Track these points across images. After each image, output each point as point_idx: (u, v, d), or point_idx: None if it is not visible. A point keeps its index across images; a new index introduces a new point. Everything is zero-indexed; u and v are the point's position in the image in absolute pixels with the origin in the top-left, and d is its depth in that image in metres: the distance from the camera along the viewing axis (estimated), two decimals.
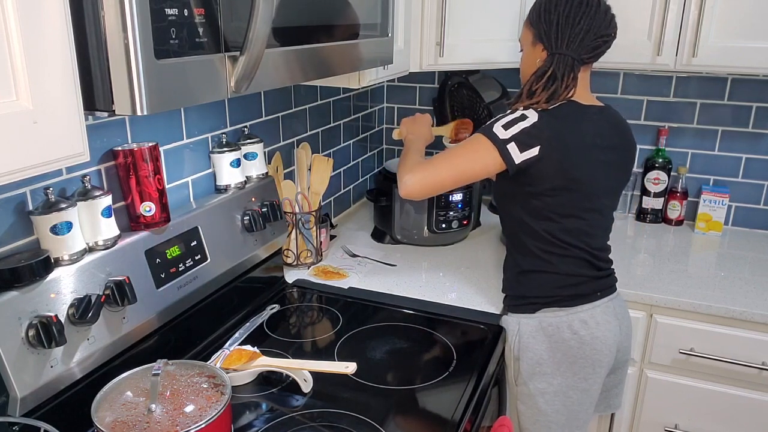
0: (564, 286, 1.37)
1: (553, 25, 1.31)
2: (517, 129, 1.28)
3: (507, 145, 1.27)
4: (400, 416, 1.15)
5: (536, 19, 1.35)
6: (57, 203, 1.00)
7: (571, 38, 1.30)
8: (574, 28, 1.30)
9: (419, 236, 1.92)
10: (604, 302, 1.40)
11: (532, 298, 1.40)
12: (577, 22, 1.29)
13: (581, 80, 1.35)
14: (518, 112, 1.30)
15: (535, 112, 1.29)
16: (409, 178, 1.35)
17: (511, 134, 1.27)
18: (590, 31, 1.29)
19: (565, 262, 1.37)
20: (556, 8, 1.31)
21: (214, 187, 1.45)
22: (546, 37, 1.33)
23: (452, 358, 1.33)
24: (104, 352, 1.07)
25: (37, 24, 0.66)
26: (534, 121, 1.27)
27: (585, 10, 1.29)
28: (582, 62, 1.33)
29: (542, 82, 1.31)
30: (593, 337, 1.37)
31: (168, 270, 1.21)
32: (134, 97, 0.72)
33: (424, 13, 1.69)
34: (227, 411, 0.96)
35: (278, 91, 1.69)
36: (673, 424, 1.73)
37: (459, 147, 1.35)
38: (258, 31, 0.84)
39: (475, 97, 2.09)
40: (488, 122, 1.33)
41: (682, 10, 1.71)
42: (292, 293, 1.63)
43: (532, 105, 1.30)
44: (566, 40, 1.30)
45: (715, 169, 2.14)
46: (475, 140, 1.32)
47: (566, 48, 1.31)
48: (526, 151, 1.27)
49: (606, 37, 1.32)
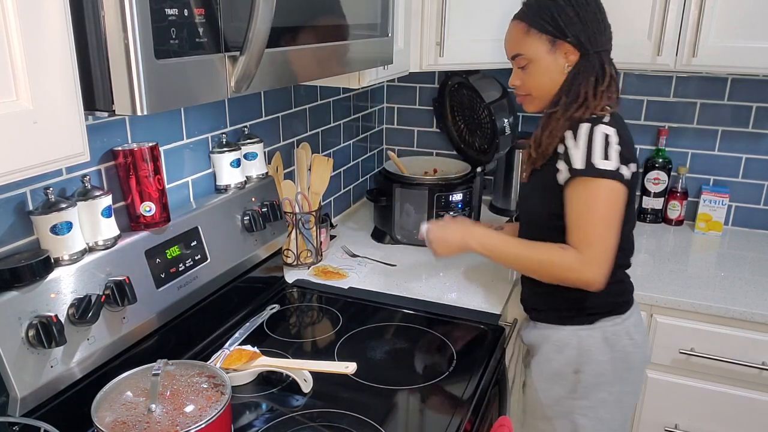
0: (622, 293, 1.35)
1: (586, 22, 1.23)
2: (614, 151, 1.19)
3: (620, 170, 1.19)
4: (400, 416, 1.15)
5: (556, 21, 1.24)
6: (57, 203, 1.00)
7: (599, 30, 1.25)
8: (597, 20, 1.24)
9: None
10: (635, 305, 1.40)
11: (590, 309, 1.32)
12: (600, 11, 1.25)
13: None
14: (598, 133, 1.19)
15: (609, 127, 1.21)
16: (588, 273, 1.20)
17: (616, 158, 1.19)
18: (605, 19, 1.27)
19: (621, 270, 1.35)
20: (570, 3, 1.23)
21: (214, 187, 1.45)
22: (582, 34, 1.24)
23: (452, 358, 1.33)
24: (104, 352, 1.07)
25: (37, 24, 0.66)
26: (617, 138, 1.20)
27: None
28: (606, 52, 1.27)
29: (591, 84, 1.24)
30: (644, 339, 1.37)
31: (168, 270, 1.21)
32: (134, 97, 0.72)
33: (424, 13, 1.69)
34: (227, 411, 0.96)
35: (278, 91, 1.69)
36: (673, 424, 1.73)
37: (589, 206, 1.20)
38: (258, 31, 0.84)
39: (475, 97, 2.09)
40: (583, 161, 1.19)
41: (682, 10, 1.71)
42: (292, 293, 1.63)
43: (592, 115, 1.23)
44: (594, 33, 1.24)
45: (715, 169, 2.14)
46: (590, 189, 1.20)
47: (601, 42, 1.25)
48: (629, 165, 1.21)
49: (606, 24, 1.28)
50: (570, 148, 1.21)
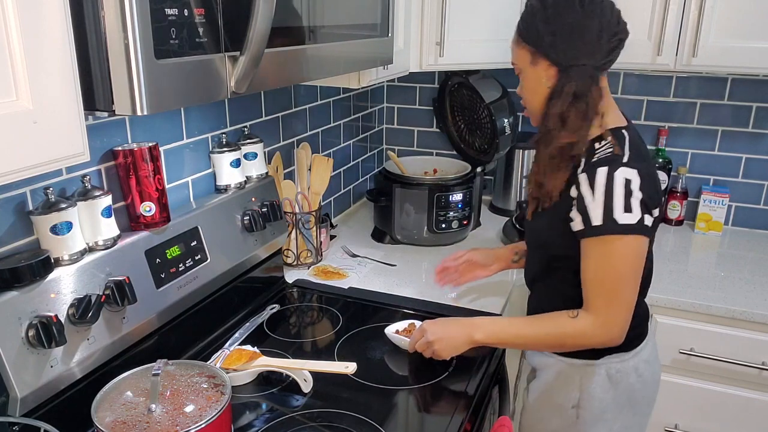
0: (633, 327, 1.19)
1: (558, 34, 1.12)
2: (636, 200, 1.08)
3: (643, 221, 1.09)
4: (400, 416, 1.14)
5: (533, 33, 1.15)
6: (57, 203, 1.00)
7: (583, 44, 1.12)
8: (584, 33, 1.11)
9: (419, 236, 1.92)
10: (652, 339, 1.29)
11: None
12: (588, 25, 1.11)
13: (607, 92, 1.18)
14: (618, 180, 1.08)
15: (630, 169, 1.08)
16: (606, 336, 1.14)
17: (638, 209, 1.08)
18: (603, 31, 1.12)
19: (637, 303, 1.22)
20: (559, 15, 1.12)
21: (214, 187, 1.45)
22: (552, 49, 1.13)
23: (452, 358, 1.32)
24: (104, 352, 1.07)
25: (37, 24, 0.66)
26: (639, 181, 1.09)
27: (592, 8, 1.11)
28: (600, 70, 1.15)
29: (569, 104, 1.12)
30: (654, 375, 1.28)
31: (168, 270, 1.21)
32: (134, 97, 0.72)
33: (424, 13, 1.69)
34: (227, 411, 0.96)
35: (278, 91, 1.69)
36: (673, 424, 1.73)
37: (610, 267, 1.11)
38: (258, 31, 0.84)
39: (475, 97, 2.09)
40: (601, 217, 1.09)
41: (682, 10, 1.71)
42: (292, 293, 1.63)
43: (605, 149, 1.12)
44: (578, 47, 1.12)
45: (715, 169, 2.14)
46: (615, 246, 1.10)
47: (581, 57, 1.12)
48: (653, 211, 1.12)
49: (620, 35, 1.14)
50: (586, 198, 1.10)
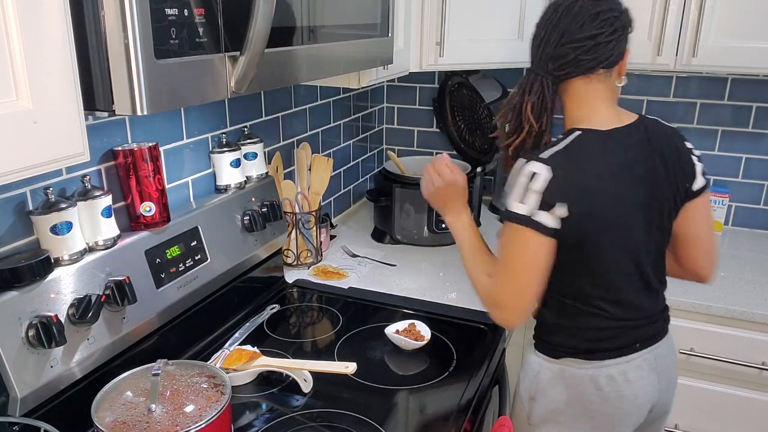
0: (592, 340, 1.20)
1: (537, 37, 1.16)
2: (533, 195, 1.09)
3: (534, 217, 1.09)
4: (400, 416, 1.14)
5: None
6: (57, 203, 1.00)
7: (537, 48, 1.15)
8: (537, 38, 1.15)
9: (419, 236, 1.92)
10: (643, 355, 1.21)
11: (554, 342, 1.23)
12: (542, 30, 1.14)
13: (591, 98, 1.16)
14: (525, 171, 1.10)
15: (542, 164, 1.09)
16: (493, 311, 1.18)
17: (532, 202, 1.09)
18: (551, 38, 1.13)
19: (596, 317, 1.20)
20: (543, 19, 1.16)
21: (214, 187, 1.45)
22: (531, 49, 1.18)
23: (452, 358, 1.32)
24: (104, 352, 1.07)
25: (37, 24, 0.66)
26: (548, 177, 1.08)
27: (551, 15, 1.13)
28: (553, 78, 1.15)
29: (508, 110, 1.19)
30: (619, 395, 1.20)
31: (168, 270, 1.21)
32: (134, 97, 0.72)
33: (424, 13, 1.69)
34: (227, 411, 0.96)
35: (278, 91, 1.69)
36: (673, 425, 1.73)
37: (504, 247, 1.15)
38: (258, 31, 0.84)
39: (475, 97, 2.09)
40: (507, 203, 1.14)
41: (682, 10, 1.71)
42: (292, 293, 1.63)
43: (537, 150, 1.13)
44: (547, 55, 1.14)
45: (715, 169, 2.14)
46: (506, 231, 1.13)
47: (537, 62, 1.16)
48: (551, 211, 1.09)
49: (574, 45, 1.11)
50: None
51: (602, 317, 1.19)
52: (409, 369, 1.29)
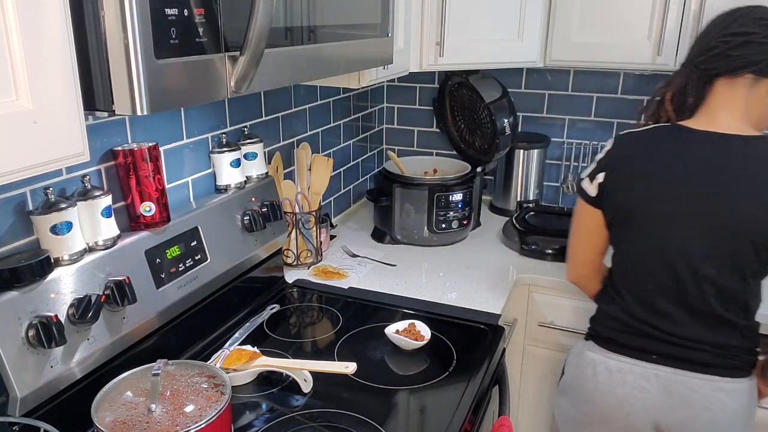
0: (600, 322, 1.28)
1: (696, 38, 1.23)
2: (593, 164, 1.25)
3: (582, 184, 1.26)
4: (400, 416, 1.15)
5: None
6: (57, 203, 1.00)
7: (694, 44, 1.21)
8: (699, 34, 1.21)
9: (419, 236, 1.92)
10: (658, 370, 1.18)
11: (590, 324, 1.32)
12: (705, 35, 1.19)
13: (714, 99, 1.16)
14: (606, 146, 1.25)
15: (613, 139, 1.23)
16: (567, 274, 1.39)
17: (587, 171, 1.25)
18: (710, 32, 1.17)
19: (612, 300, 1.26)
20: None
21: (214, 187, 1.45)
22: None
23: (452, 358, 1.32)
24: (104, 352, 1.07)
25: (37, 24, 0.66)
26: (608, 148, 1.23)
27: (721, 15, 1.19)
28: (700, 72, 1.17)
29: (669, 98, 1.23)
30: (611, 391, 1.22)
31: (168, 270, 1.21)
32: (134, 97, 0.72)
33: (424, 13, 1.69)
34: (227, 411, 0.96)
35: (278, 91, 1.69)
36: None
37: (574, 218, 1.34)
38: (258, 31, 0.84)
39: (475, 97, 2.09)
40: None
41: (682, 10, 1.71)
42: (292, 293, 1.63)
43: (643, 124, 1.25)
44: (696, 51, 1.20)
45: None
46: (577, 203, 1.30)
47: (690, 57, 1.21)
48: (594, 179, 1.22)
49: (727, 38, 1.12)
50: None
51: (622, 309, 1.24)
52: (409, 369, 1.29)
